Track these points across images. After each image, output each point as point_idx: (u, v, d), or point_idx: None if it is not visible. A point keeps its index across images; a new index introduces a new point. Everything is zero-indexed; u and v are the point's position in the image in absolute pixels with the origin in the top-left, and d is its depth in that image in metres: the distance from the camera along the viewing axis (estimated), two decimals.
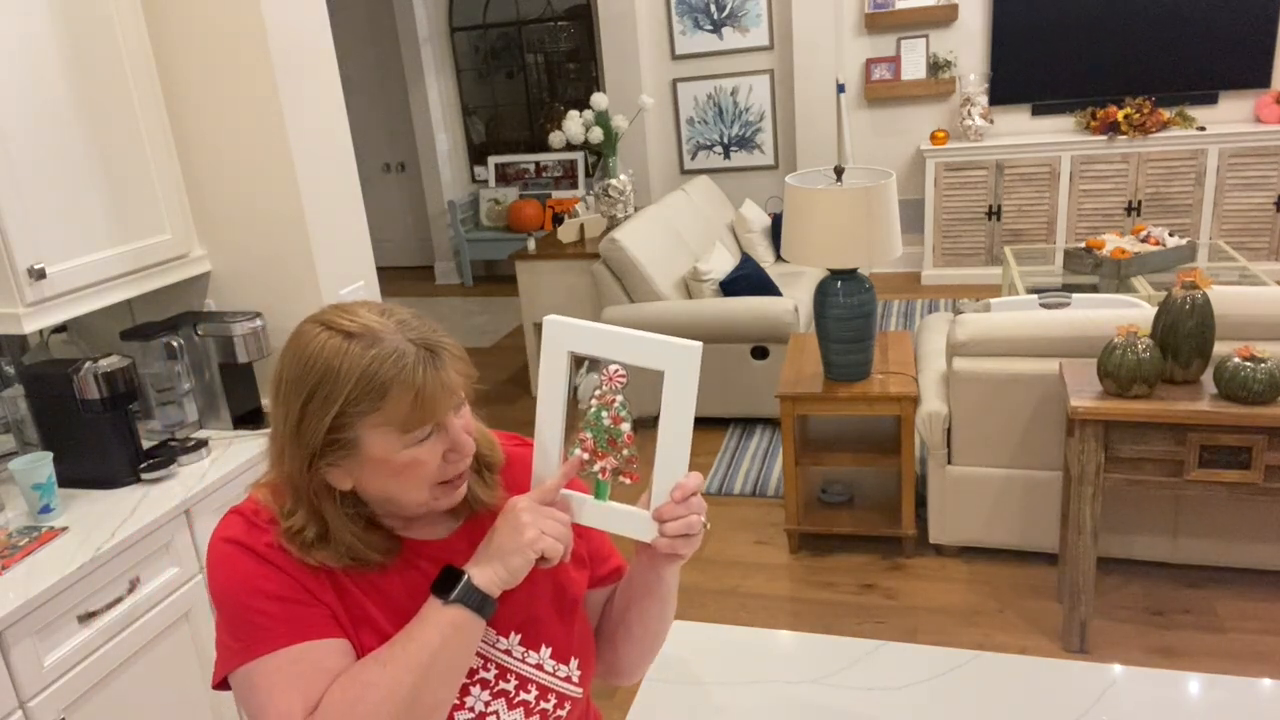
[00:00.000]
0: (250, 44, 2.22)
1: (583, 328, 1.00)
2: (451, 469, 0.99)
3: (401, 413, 0.93)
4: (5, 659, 1.66)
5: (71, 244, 2.04)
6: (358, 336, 0.94)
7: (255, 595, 0.95)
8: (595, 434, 1.01)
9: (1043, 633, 2.70)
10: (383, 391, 0.92)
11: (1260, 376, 2.24)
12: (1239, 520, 2.74)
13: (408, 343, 0.94)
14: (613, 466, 1.02)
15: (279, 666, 0.93)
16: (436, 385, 0.94)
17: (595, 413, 1.01)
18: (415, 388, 0.92)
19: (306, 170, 2.34)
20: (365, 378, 0.92)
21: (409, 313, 0.99)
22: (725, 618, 2.90)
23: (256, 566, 0.96)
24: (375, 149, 7.42)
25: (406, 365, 0.93)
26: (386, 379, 0.92)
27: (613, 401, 1.01)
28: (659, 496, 1.00)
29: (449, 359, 0.96)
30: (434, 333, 0.97)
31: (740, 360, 4.11)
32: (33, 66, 1.97)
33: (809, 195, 2.93)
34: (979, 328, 2.84)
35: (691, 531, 1.00)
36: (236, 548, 0.98)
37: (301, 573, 0.97)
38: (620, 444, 1.01)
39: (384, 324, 0.95)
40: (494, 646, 1.05)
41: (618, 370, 1.00)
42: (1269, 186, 5.32)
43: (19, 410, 2.18)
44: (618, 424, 1.01)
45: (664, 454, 1.00)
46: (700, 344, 0.98)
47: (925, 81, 5.93)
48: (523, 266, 4.82)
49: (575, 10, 6.83)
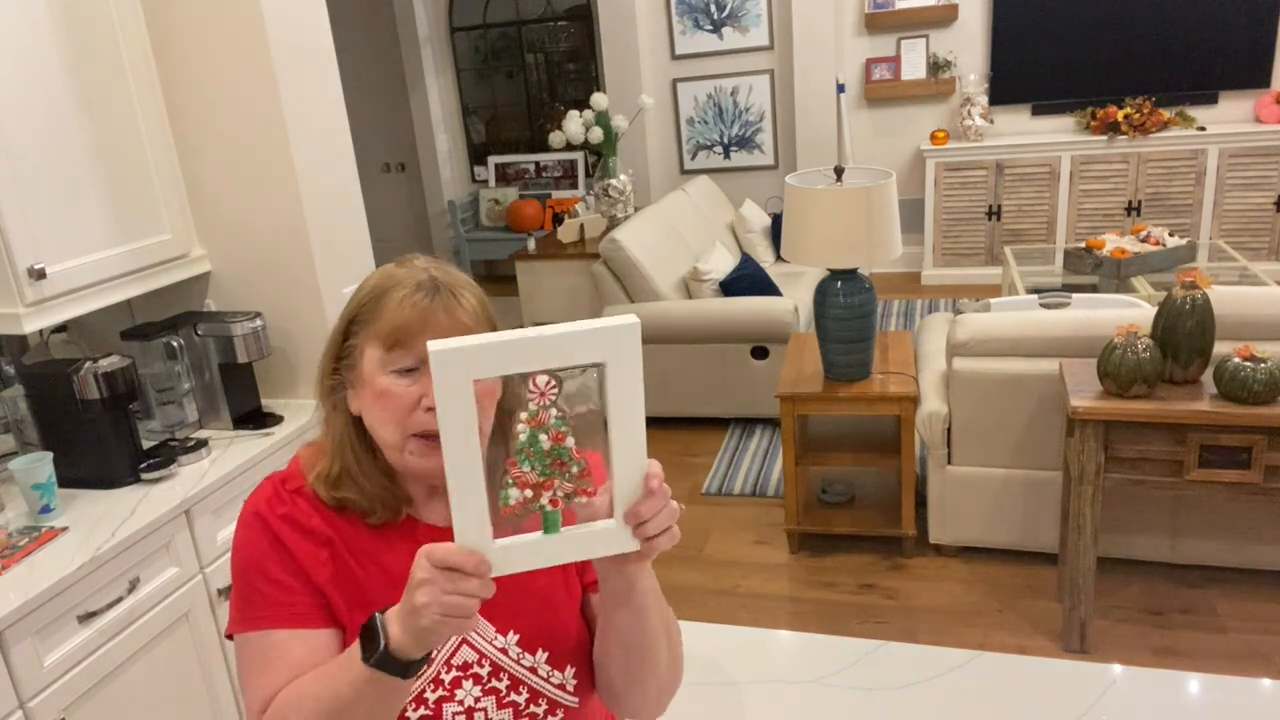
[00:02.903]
0: (250, 44, 2.22)
1: (483, 348, 0.81)
2: (420, 421, 1.00)
3: (386, 328, 1.00)
4: (5, 659, 1.66)
5: (71, 244, 2.04)
6: (395, 264, 1.06)
7: (259, 572, 1.03)
8: (535, 463, 0.86)
9: (1043, 633, 2.70)
10: (379, 299, 1.02)
11: (1260, 376, 2.24)
12: (1239, 520, 2.74)
13: (423, 272, 1.03)
14: (565, 491, 0.88)
15: (263, 647, 1.02)
16: (423, 314, 1.00)
17: (528, 439, 0.86)
18: (403, 306, 1.00)
19: (306, 170, 2.34)
20: (374, 287, 1.04)
21: (451, 267, 1.07)
22: (725, 618, 2.90)
23: (265, 543, 1.04)
24: (375, 149, 7.42)
25: (405, 285, 1.02)
26: (384, 289, 1.02)
27: (548, 419, 0.86)
28: (627, 496, 0.89)
29: (452, 303, 1.01)
30: (453, 282, 1.03)
31: (740, 360, 4.11)
32: (33, 67, 1.97)
33: (809, 195, 2.93)
34: (979, 328, 2.84)
35: (675, 519, 0.92)
36: (255, 518, 1.05)
37: (304, 549, 1.03)
38: (568, 461, 0.87)
39: (421, 262, 1.06)
40: (491, 643, 1.05)
41: (548, 382, 0.85)
42: (1269, 186, 5.32)
43: (19, 410, 2.18)
44: (561, 441, 0.86)
45: (620, 450, 0.87)
46: (636, 318, 0.84)
47: (925, 81, 5.93)
48: (523, 266, 4.82)
49: (575, 10, 6.83)
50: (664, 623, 1.07)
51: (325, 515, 1.06)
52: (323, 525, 1.05)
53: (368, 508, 1.05)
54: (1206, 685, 1.27)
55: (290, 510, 1.05)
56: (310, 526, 1.05)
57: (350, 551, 1.05)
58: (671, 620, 1.11)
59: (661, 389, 4.26)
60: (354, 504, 1.05)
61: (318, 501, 1.06)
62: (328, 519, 1.06)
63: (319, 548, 1.04)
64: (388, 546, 1.06)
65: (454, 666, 1.05)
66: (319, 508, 1.06)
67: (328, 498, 1.05)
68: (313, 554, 1.04)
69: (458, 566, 0.85)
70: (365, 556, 1.05)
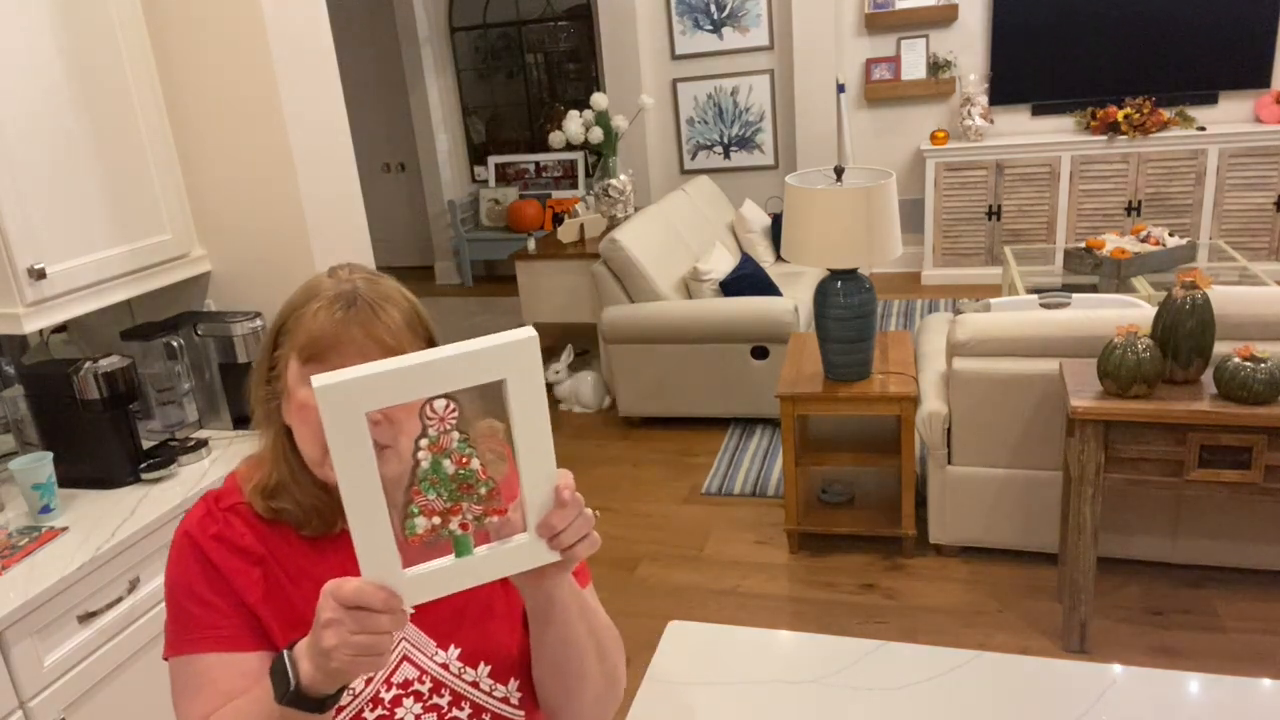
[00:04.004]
0: (250, 44, 2.21)
1: (374, 377, 0.79)
2: None
3: (301, 339, 0.99)
4: (5, 659, 1.66)
5: (71, 244, 2.04)
6: (327, 272, 1.04)
7: (189, 594, 1.03)
8: (440, 490, 0.84)
9: (1043, 633, 2.70)
10: (298, 310, 1.01)
11: (1260, 376, 2.24)
12: (1239, 520, 2.74)
13: (346, 283, 1.01)
14: (475, 513, 0.86)
15: (193, 672, 1.02)
16: (337, 327, 0.97)
17: (431, 467, 0.84)
18: (318, 319, 0.98)
19: (306, 170, 2.34)
20: (296, 297, 1.03)
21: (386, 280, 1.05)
22: (725, 618, 2.90)
23: (195, 565, 1.03)
24: (375, 149, 7.42)
25: (323, 296, 0.99)
26: (304, 300, 1.01)
27: (450, 443, 0.84)
28: (539, 509, 0.87)
29: (369, 318, 0.98)
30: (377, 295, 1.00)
31: (740, 360, 4.11)
32: (33, 66, 1.96)
33: (809, 195, 2.93)
34: (979, 328, 2.84)
35: (589, 528, 0.90)
36: (187, 540, 1.05)
37: (235, 570, 1.02)
38: (475, 484, 0.85)
39: (346, 273, 1.03)
40: (431, 659, 1.04)
41: (447, 406, 0.83)
42: (1269, 186, 5.32)
43: (19, 410, 2.18)
44: (465, 465, 0.84)
45: (528, 464, 0.86)
46: (533, 330, 0.83)
47: (925, 81, 5.93)
48: (523, 266, 4.82)
49: (575, 10, 6.83)
50: (592, 633, 1.05)
51: (259, 532, 1.04)
52: (255, 543, 1.04)
53: (302, 519, 1.04)
54: (1206, 685, 1.27)
55: (222, 529, 1.04)
56: (242, 545, 1.03)
57: (284, 569, 1.03)
58: (603, 630, 1.08)
59: (661, 389, 4.26)
60: (289, 515, 1.04)
61: (252, 517, 1.04)
62: (261, 536, 1.04)
63: (251, 566, 1.03)
64: (322, 559, 1.04)
65: (394, 684, 1.03)
66: (253, 524, 1.04)
67: (263, 509, 1.04)
68: (244, 573, 1.02)
69: (365, 605, 0.82)
70: (299, 572, 1.04)
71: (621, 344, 4.25)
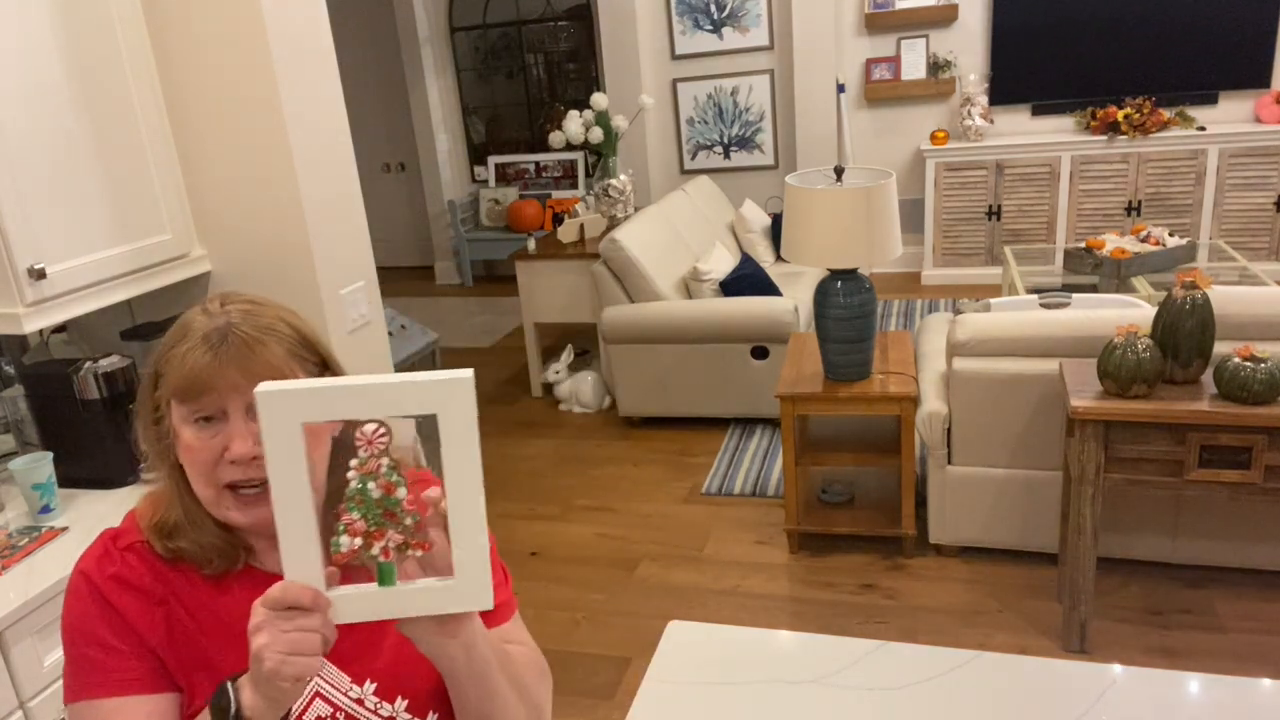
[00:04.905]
0: (250, 44, 2.21)
1: (313, 392, 0.83)
2: (228, 472, 0.96)
3: (175, 382, 0.97)
4: (5, 659, 1.66)
5: (71, 244, 2.04)
6: (200, 307, 1.02)
7: (87, 638, 0.98)
8: (364, 511, 0.85)
9: (1043, 633, 2.70)
10: (169, 351, 0.98)
11: (1260, 376, 2.24)
12: (1239, 520, 2.74)
13: (220, 317, 0.98)
14: (396, 542, 0.86)
15: (96, 717, 0.96)
16: (209, 368, 0.95)
17: (358, 487, 0.85)
18: (187, 361, 0.96)
19: (306, 170, 2.34)
20: (168, 338, 1.00)
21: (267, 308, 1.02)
22: (725, 618, 2.90)
23: (94, 607, 0.98)
24: (375, 149, 7.42)
25: (192, 337, 0.97)
26: (175, 341, 0.99)
27: (378, 467, 0.85)
28: (469, 551, 0.87)
29: (245, 355, 0.96)
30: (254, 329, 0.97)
31: (740, 360, 4.11)
32: (33, 66, 1.96)
33: (809, 195, 2.93)
34: (979, 328, 2.84)
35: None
36: (84, 581, 1.00)
37: (135, 611, 0.98)
38: (399, 514, 0.86)
39: (216, 306, 1.01)
40: (345, 694, 1.01)
41: (377, 430, 0.85)
42: (1269, 186, 5.32)
43: (19, 410, 2.18)
44: (391, 492, 0.85)
45: (458, 507, 0.86)
46: (471, 371, 0.85)
47: (925, 81, 5.93)
48: (523, 266, 4.82)
49: (575, 10, 6.83)
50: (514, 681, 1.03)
51: (158, 572, 1.00)
52: (155, 583, 1.00)
53: (203, 558, 1.00)
54: (1206, 685, 1.27)
55: (120, 570, 0.99)
56: (142, 585, 0.99)
57: (186, 608, 1.00)
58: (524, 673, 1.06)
59: (661, 389, 4.26)
60: (189, 554, 1.00)
61: (152, 556, 1.01)
62: (161, 576, 1.00)
63: (152, 607, 0.99)
64: (225, 595, 1.01)
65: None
66: (152, 564, 1.00)
67: (162, 549, 1.00)
68: (145, 614, 0.98)
69: (293, 603, 0.82)
70: (203, 611, 1.00)
71: (621, 344, 4.26)
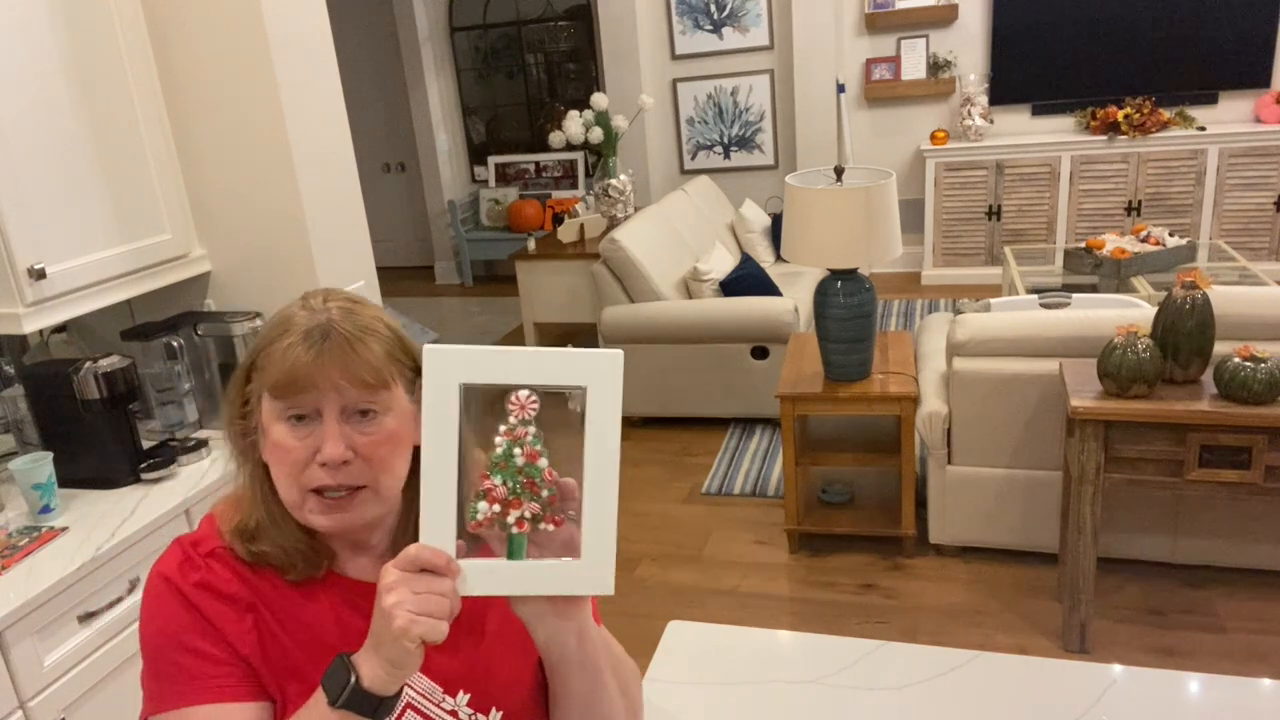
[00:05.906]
0: (250, 44, 2.21)
1: (475, 353, 0.85)
2: (316, 476, 0.93)
3: (272, 378, 0.93)
4: (5, 659, 1.66)
5: (71, 244, 2.04)
6: (299, 301, 0.98)
7: (175, 644, 0.94)
8: (507, 477, 0.85)
9: (1043, 633, 2.70)
10: (269, 345, 0.95)
11: (1260, 376, 2.24)
12: (1239, 520, 2.74)
13: (322, 314, 0.95)
14: (532, 513, 0.86)
15: None
16: (309, 366, 0.92)
17: (505, 452, 0.85)
18: (287, 357, 0.92)
19: (306, 170, 2.34)
20: (267, 331, 0.97)
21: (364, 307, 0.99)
22: (725, 618, 2.90)
23: (181, 612, 0.95)
24: (375, 149, 7.42)
25: (294, 332, 0.94)
26: (274, 336, 0.95)
27: (525, 434, 0.86)
28: (598, 533, 0.87)
29: (346, 354, 0.92)
30: (355, 328, 0.94)
31: (740, 360, 4.11)
32: (33, 66, 1.96)
33: (809, 195, 2.93)
34: (979, 328, 2.84)
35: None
36: (167, 587, 0.96)
37: (225, 618, 0.95)
38: (540, 484, 0.86)
39: (318, 302, 0.97)
40: (439, 706, 0.98)
41: (529, 397, 0.86)
42: (1269, 186, 5.32)
43: (19, 410, 2.18)
44: (534, 460, 0.86)
45: (594, 486, 0.86)
46: (622, 351, 0.88)
47: (925, 81, 5.92)
48: (523, 266, 4.82)
49: (575, 10, 6.83)
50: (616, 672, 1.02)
51: (244, 578, 0.97)
52: (242, 589, 0.96)
53: (286, 563, 0.97)
54: (1206, 685, 1.27)
55: (205, 576, 0.96)
56: (229, 592, 0.96)
57: (274, 616, 0.97)
58: (623, 668, 1.05)
59: (661, 389, 4.26)
60: (272, 558, 0.97)
61: (235, 562, 0.97)
62: (247, 582, 0.97)
63: (242, 614, 0.96)
64: (310, 603, 0.98)
65: None
66: (237, 570, 0.97)
67: (245, 553, 0.97)
68: (236, 621, 0.95)
69: (428, 565, 0.82)
70: (290, 619, 0.97)
71: (621, 344, 4.25)
